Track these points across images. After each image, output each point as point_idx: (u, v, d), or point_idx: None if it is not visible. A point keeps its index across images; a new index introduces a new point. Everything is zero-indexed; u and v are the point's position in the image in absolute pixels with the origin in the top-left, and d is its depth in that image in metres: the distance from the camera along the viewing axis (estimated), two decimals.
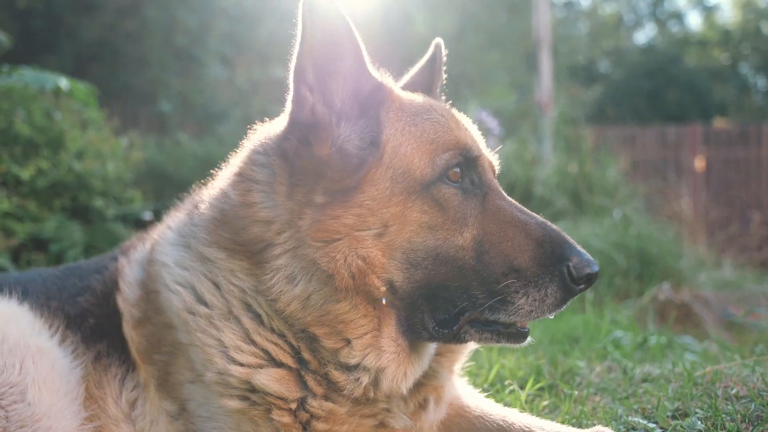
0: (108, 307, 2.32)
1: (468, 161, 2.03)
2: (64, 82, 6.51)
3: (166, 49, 16.06)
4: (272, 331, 1.99)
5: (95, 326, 2.29)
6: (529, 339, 2.02)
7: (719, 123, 25.60)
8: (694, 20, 66.65)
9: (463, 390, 2.43)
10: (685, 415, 2.42)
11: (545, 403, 2.78)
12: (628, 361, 3.47)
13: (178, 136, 11.93)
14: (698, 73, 36.47)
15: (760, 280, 7.68)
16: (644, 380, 3.03)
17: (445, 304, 1.96)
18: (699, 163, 18.85)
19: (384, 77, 2.14)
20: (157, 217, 7.28)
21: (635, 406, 2.58)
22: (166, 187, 9.42)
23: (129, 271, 2.37)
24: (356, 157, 1.96)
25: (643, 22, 45.04)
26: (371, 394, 1.99)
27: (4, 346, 2.06)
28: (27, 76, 6.49)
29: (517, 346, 2.04)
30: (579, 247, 1.95)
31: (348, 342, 1.94)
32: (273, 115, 2.30)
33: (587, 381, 3.08)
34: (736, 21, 40.38)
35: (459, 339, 1.98)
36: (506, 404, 2.68)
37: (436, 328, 1.97)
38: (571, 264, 1.90)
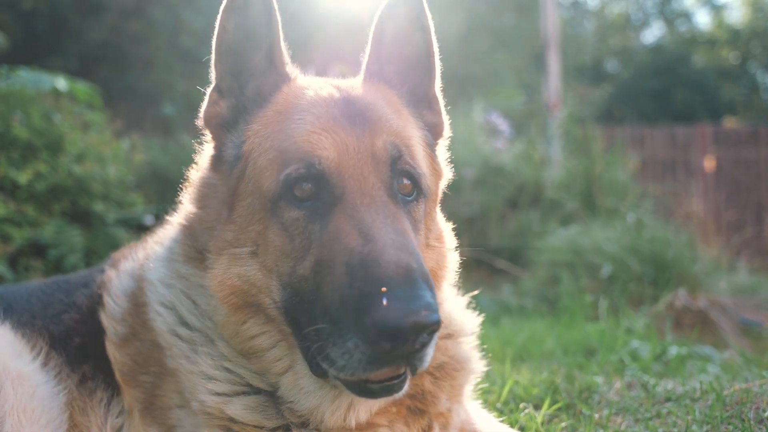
0: (93, 324, 2.17)
1: (316, 173, 1.72)
2: (61, 83, 6.40)
3: (171, 50, 16.02)
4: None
5: (80, 346, 2.15)
6: (401, 392, 1.67)
7: (729, 123, 25.43)
8: (703, 19, 66.49)
9: (476, 415, 2.25)
10: None
11: (563, 425, 2.60)
12: (648, 375, 3.30)
13: (182, 138, 11.84)
14: (707, 73, 36.32)
15: None
16: (667, 399, 2.85)
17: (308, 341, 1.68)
18: (709, 164, 18.70)
19: (292, 69, 1.94)
20: (159, 221, 7.18)
21: (660, 430, 2.41)
22: (170, 189, 9.30)
23: (117, 283, 2.22)
24: (228, 165, 1.86)
25: (651, 21, 44.93)
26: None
27: None
28: (24, 77, 6.40)
29: (369, 399, 1.76)
30: (406, 278, 1.53)
31: (279, 378, 1.83)
32: None
33: (606, 400, 2.90)
34: (745, 20, 40.18)
35: (328, 380, 1.71)
36: (521, 427, 2.52)
37: (308, 365, 1.73)
38: (371, 315, 1.48)
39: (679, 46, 39.54)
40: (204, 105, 1.89)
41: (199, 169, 2.03)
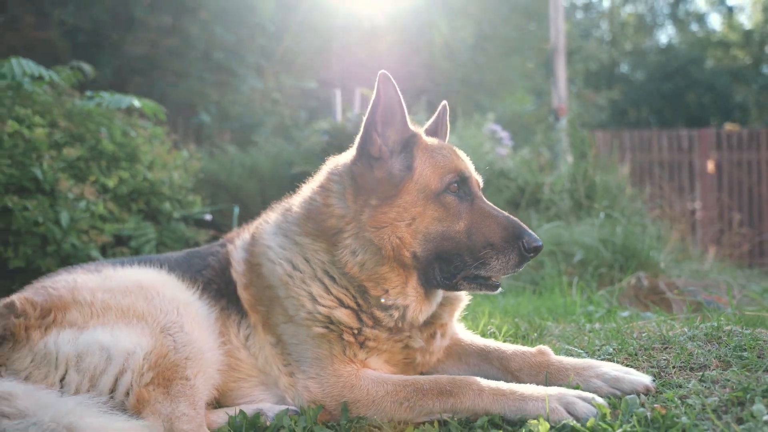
0: (224, 278, 3.48)
1: (462, 180, 3.16)
2: (136, 102, 7.80)
3: (205, 63, 17.04)
4: (341, 287, 3.16)
5: (218, 290, 3.44)
6: (500, 289, 3.15)
7: (730, 126, 26.29)
8: (716, 20, 66.15)
9: (460, 330, 3.60)
10: (606, 346, 3.61)
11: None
12: (587, 322, 4.65)
13: (225, 147, 12.98)
14: (719, 74, 36.63)
15: (731, 272, 8.77)
16: (590, 332, 4.21)
17: (447, 266, 3.07)
18: (710, 166, 19.65)
19: (417, 128, 3.31)
20: (215, 217, 8.46)
21: (576, 344, 3.77)
22: (219, 192, 10.64)
23: (236, 253, 3.53)
24: (398, 177, 3.12)
25: (664, 23, 45.00)
26: (400, 324, 3.15)
27: (165, 298, 3.20)
28: (106, 99, 7.78)
29: (492, 293, 3.18)
30: (530, 231, 3.05)
31: (386, 291, 3.10)
32: (302, 122, 3.46)
33: (551, 332, 4.28)
34: (756, 21, 40.39)
35: (456, 288, 3.11)
36: None
37: (442, 280, 3.10)
38: (524, 240, 2.93)
39: (691, 47, 39.75)
40: (368, 145, 3.16)
41: (327, 183, 3.28)
